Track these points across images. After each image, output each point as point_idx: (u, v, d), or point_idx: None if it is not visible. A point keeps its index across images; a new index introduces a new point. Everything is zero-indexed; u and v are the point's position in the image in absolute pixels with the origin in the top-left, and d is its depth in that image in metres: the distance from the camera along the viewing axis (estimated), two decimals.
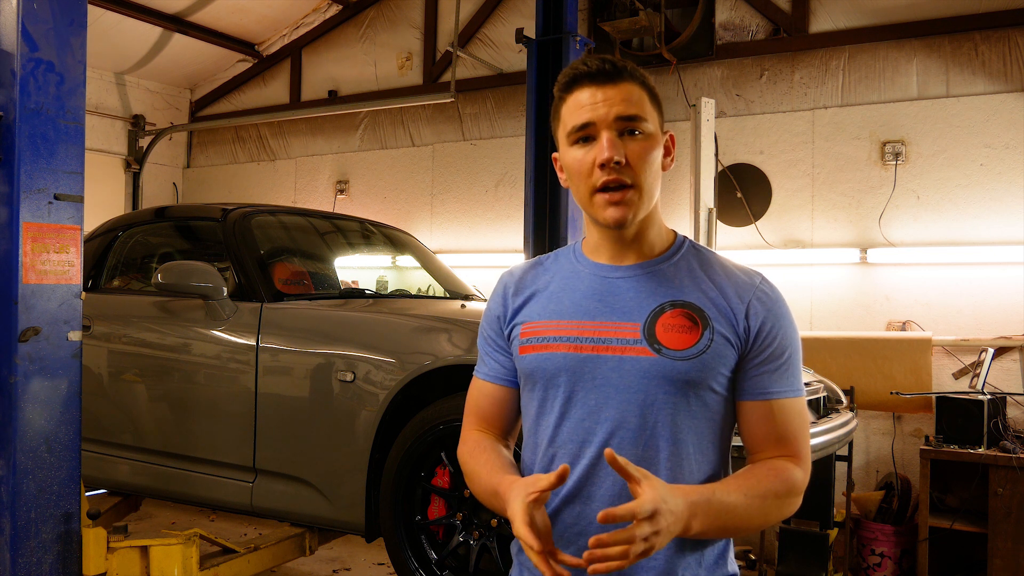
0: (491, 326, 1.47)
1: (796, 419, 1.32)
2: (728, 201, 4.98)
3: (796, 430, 1.32)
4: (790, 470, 1.29)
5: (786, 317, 1.34)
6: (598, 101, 1.29)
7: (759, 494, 1.25)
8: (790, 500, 1.29)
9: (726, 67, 5.13)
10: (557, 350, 1.33)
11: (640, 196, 1.31)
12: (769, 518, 1.29)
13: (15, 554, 2.38)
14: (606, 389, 1.30)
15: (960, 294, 4.41)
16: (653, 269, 1.35)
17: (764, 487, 1.26)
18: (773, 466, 1.30)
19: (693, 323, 1.29)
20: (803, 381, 1.36)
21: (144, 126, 7.05)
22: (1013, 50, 4.40)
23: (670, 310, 1.30)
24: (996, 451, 3.82)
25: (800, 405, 1.33)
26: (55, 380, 2.46)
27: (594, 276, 1.38)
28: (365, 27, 6.61)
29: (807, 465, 1.32)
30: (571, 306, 1.36)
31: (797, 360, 1.34)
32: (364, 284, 5.12)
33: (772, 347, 1.31)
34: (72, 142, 2.48)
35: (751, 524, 1.27)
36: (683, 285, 1.33)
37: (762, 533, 4.13)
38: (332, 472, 2.93)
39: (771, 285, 1.35)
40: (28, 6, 2.36)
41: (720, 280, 1.34)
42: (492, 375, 1.47)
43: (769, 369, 1.31)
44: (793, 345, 1.33)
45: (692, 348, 1.27)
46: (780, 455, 1.31)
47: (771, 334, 1.31)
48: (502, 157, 5.90)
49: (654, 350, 1.28)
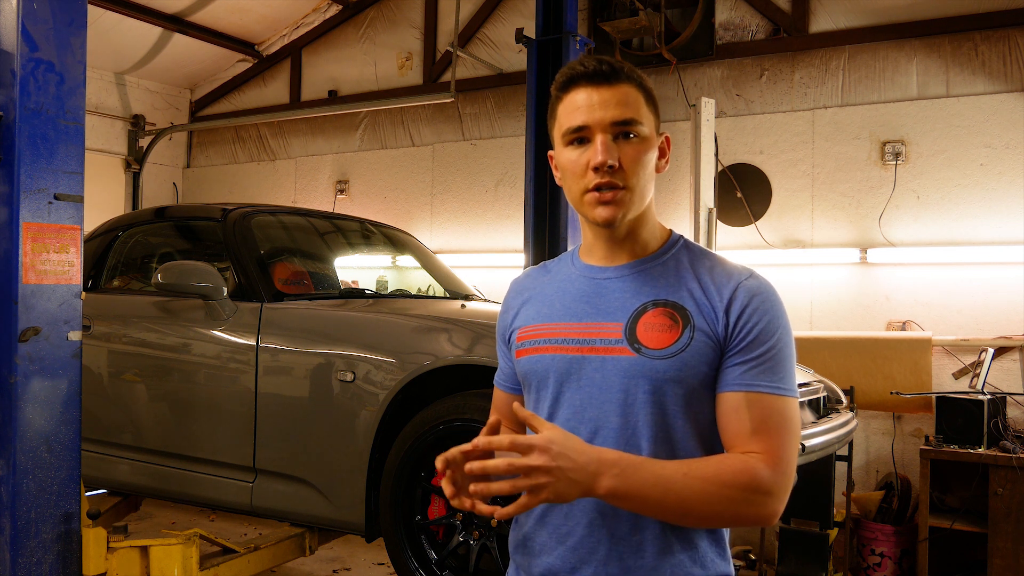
0: (499, 333, 1.52)
1: (774, 416, 1.24)
2: (728, 201, 4.98)
3: (773, 427, 1.24)
4: (753, 464, 1.21)
5: (771, 311, 1.28)
6: (594, 103, 1.30)
7: (702, 476, 1.19)
8: (751, 497, 1.20)
9: (726, 67, 5.13)
10: (547, 352, 1.35)
11: (631, 197, 1.31)
12: (717, 508, 1.20)
13: (15, 554, 2.38)
14: (590, 389, 1.30)
15: (960, 294, 4.41)
16: (641, 269, 1.36)
17: (711, 471, 1.20)
18: (733, 456, 1.23)
19: (674, 322, 1.28)
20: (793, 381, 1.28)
21: (144, 126, 7.05)
22: (1013, 50, 4.40)
23: (652, 309, 1.30)
24: (996, 451, 3.82)
25: (782, 404, 1.25)
26: (55, 380, 2.46)
27: (584, 278, 1.39)
28: (365, 27, 6.61)
29: (783, 467, 1.22)
30: (561, 308, 1.37)
31: (783, 356, 1.27)
32: (364, 284, 5.11)
33: (750, 338, 1.26)
34: (72, 142, 2.48)
35: (690, 507, 1.19)
36: (668, 284, 1.33)
37: (762, 533, 4.13)
38: (332, 472, 2.93)
39: (759, 280, 1.31)
40: (28, 6, 2.36)
41: (706, 278, 1.32)
42: (501, 382, 1.54)
43: (746, 360, 1.26)
44: (778, 340, 1.27)
45: (671, 347, 1.27)
46: (752, 451, 1.23)
47: (749, 324, 1.26)
48: (502, 157, 5.90)
49: (634, 349, 1.28)
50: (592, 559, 1.28)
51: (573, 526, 1.30)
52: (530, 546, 1.35)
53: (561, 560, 1.31)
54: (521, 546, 1.38)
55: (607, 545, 1.28)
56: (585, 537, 1.29)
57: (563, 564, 1.30)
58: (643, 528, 1.27)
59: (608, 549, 1.28)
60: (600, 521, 1.28)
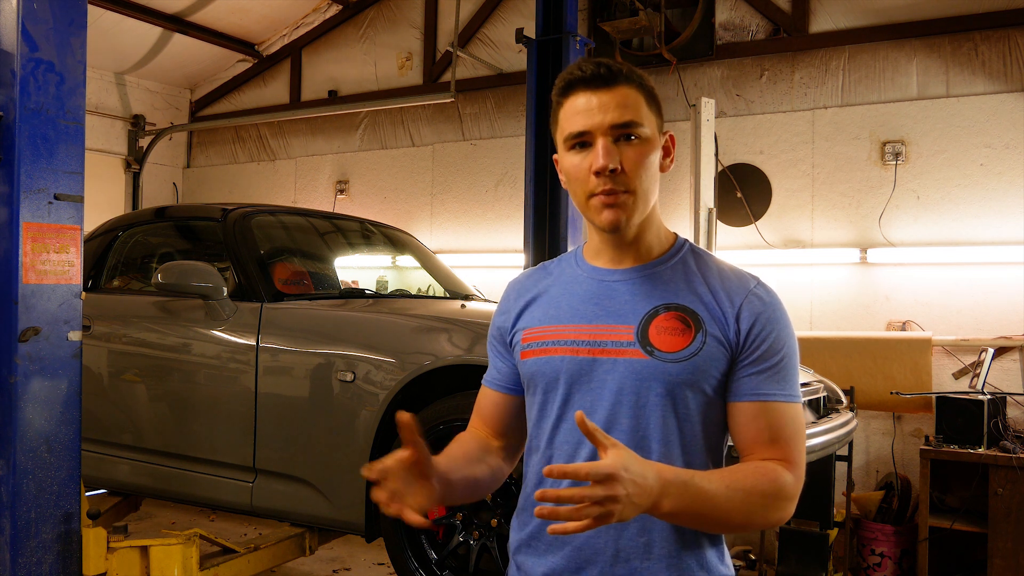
0: (495, 334, 1.50)
1: (789, 424, 1.29)
2: (728, 201, 4.98)
3: (789, 434, 1.29)
4: (780, 472, 1.25)
5: (780, 321, 1.32)
6: (593, 107, 1.30)
7: (743, 488, 1.22)
8: (778, 504, 1.25)
9: (726, 67, 5.13)
10: (556, 354, 1.34)
11: (635, 200, 1.31)
12: (752, 517, 1.24)
13: (15, 554, 2.38)
14: (600, 391, 1.30)
15: (960, 294, 4.41)
16: (649, 272, 1.36)
17: (749, 483, 1.23)
18: (762, 465, 1.26)
19: (686, 326, 1.29)
20: (799, 388, 1.33)
21: (144, 126, 7.05)
22: (1013, 50, 4.40)
23: (664, 313, 1.31)
24: (996, 451, 3.82)
25: (794, 411, 1.30)
26: (55, 380, 2.46)
27: (592, 280, 1.39)
28: (365, 27, 6.61)
29: (800, 472, 1.28)
30: (569, 310, 1.37)
31: (791, 365, 1.32)
32: (364, 284, 5.12)
33: (762, 349, 1.29)
34: (72, 142, 2.49)
35: (731, 519, 1.22)
36: (678, 288, 1.33)
37: (762, 533, 4.13)
38: (332, 472, 2.93)
39: (767, 289, 1.34)
40: (28, 6, 2.36)
41: (715, 283, 1.34)
42: (493, 382, 1.50)
43: (760, 370, 1.29)
44: (787, 349, 1.31)
45: (684, 350, 1.28)
46: (771, 458, 1.28)
47: (761, 336, 1.29)
48: (502, 157, 5.90)
49: (647, 352, 1.28)
50: (598, 560, 1.29)
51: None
52: (535, 546, 1.35)
53: (567, 560, 1.31)
54: (525, 546, 1.38)
55: (614, 547, 1.28)
56: (592, 538, 1.29)
57: (568, 564, 1.30)
58: (650, 530, 1.28)
59: (615, 551, 1.28)
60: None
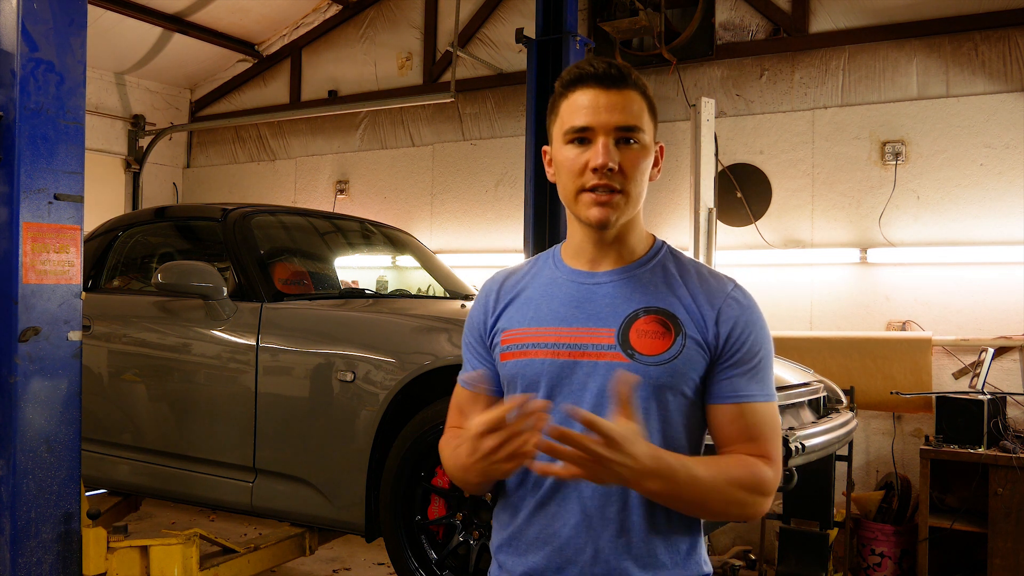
0: (472, 334, 1.49)
1: (768, 422, 1.32)
2: (728, 201, 4.97)
3: (768, 433, 1.32)
4: (761, 467, 1.29)
5: (757, 323, 1.34)
6: (600, 105, 1.30)
7: (727, 478, 1.25)
8: (755, 498, 1.28)
9: (726, 67, 5.13)
10: (537, 356, 1.35)
11: (626, 201, 1.33)
12: (729, 508, 1.28)
13: (15, 554, 2.38)
14: (581, 393, 1.31)
15: (960, 294, 4.41)
16: (630, 275, 1.37)
17: (734, 473, 1.26)
18: (745, 459, 1.30)
19: (666, 329, 1.31)
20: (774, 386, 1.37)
21: (144, 126, 7.05)
22: (1013, 50, 4.40)
23: (644, 316, 1.32)
24: (996, 451, 3.82)
25: (771, 410, 1.34)
26: (55, 380, 2.46)
27: (571, 282, 1.39)
28: (365, 27, 6.61)
29: (778, 468, 1.32)
30: (549, 313, 1.38)
31: (768, 366, 1.35)
32: (364, 284, 5.11)
33: (742, 352, 1.32)
34: (72, 142, 2.48)
35: (709, 506, 1.26)
36: (658, 291, 1.35)
37: (762, 534, 4.13)
38: (332, 472, 2.93)
39: (743, 291, 1.37)
40: (28, 6, 2.36)
41: (693, 286, 1.35)
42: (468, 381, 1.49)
43: (739, 373, 1.32)
44: (764, 351, 1.34)
45: (664, 353, 1.29)
46: (751, 454, 1.31)
47: (741, 339, 1.32)
48: (502, 157, 5.90)
49: (627, 355, 1.30)
50: (579, 560, 1.30)
51: (560, 527, 1.31)
52: (516, 545, 1.36)
53: (547, 560, 1.32)
54: (506, 545, 1.38)
55: (593, 547, 1.29)
56: (572, 538, 1.30)
57: (549, 564, 1.32)
58: (630, 530, 1.30)
59: (595, 551, 1.29)
60: (588, 523, 1.30)
